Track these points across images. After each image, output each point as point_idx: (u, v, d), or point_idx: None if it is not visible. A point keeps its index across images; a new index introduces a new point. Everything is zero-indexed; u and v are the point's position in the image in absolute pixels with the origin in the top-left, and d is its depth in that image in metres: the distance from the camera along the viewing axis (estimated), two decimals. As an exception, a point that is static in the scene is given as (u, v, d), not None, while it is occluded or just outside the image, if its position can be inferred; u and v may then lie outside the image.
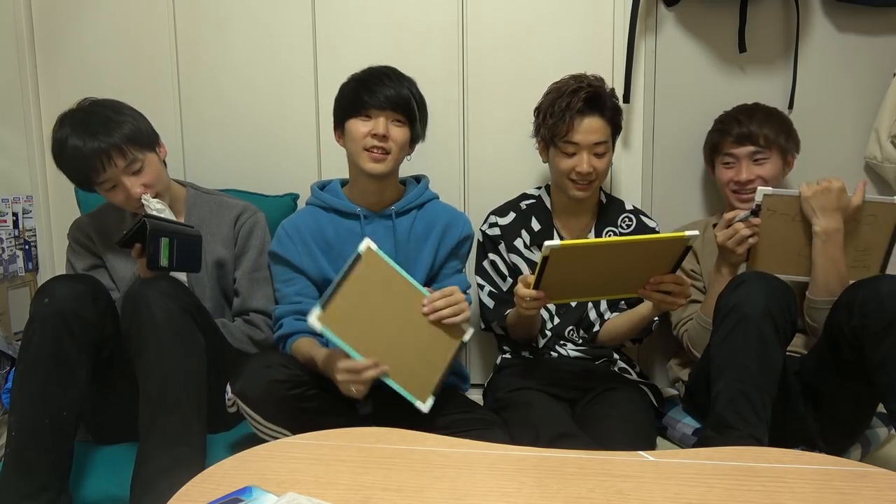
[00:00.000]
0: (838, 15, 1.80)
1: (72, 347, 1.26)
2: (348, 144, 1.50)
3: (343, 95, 1.52)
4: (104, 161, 1.41)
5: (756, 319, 1.27)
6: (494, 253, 1.67)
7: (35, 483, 1.21)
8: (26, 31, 1.91)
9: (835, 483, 0.96)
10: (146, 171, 1.47)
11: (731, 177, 1.65)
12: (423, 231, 1.57)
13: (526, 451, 1.07)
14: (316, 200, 1.58)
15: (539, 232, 1.65)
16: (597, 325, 1.63)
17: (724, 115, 1.72)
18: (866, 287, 1.28)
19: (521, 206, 1.69)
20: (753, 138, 1.62)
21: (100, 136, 1.41)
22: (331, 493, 0.92)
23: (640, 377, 1.63)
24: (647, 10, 1.80)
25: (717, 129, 1.70)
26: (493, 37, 1.84)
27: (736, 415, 1.24)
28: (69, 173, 1.46)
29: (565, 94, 1.52)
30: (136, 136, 1.46)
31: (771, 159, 1.63)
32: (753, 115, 1.65)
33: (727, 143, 1.66)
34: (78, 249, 1.59)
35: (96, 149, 1.40)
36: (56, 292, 1.28)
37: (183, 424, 1.24)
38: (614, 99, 1.57)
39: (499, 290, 1.65)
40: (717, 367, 1.30)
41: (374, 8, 1.84)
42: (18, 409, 1.25)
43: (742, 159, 1.64)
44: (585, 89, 1.51)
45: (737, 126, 1.64)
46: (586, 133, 1.52)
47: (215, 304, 1.58)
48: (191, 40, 1.89)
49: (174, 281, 1.37)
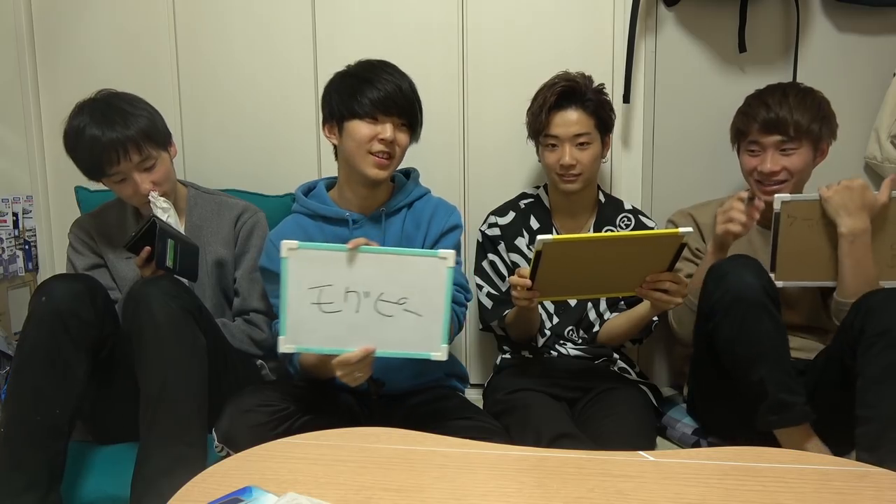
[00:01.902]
0: (838, 15, 1.80)
1: (68, 346, 1.26)
2: (347, 144, 1.43)
3: (341, 91, 1.44)
4: (120, 153, 1.42)
5: (765, 304, 1.29)
6: (494, 253, 1.67)
7: (23, 480, 1.21)
8: (26, 31, 1.91)
9: (835, 483, 0.96)
10: (157, 168, 1.48)
11: (754, 165, 1.54)
12: (413, 229, 1.52)
13: (526, 452, 1.07)
14: (301, 208, 1.52)
15: (538, 231, 1.65)
16: (597, 325, 1.63)
17: (754, 94, 1.60)
18: (881, 293, 1.29)
19: (521, 205, 1.69)
20: (782, 127, 1.49)
21: (118, 127, 1.42)
22: (331, 493, 0.92)
23: (639, 377, 1.64)
24: (647, 10, 1.80)
25: (744, 112, 1.58)
26: (493, 36, 1.84)
27: (790, 394, 1.28)
28: (81, 161, 1.46)
29: (543, 89, 1.58)
30: (153, 132, 1.47)
31: (800, 150, 1.50)
32: (785, 97, 1.51)
33: (753, 129, 1.53)
34: (79, 248, 1.59)
35: (114, 140, 1.41)
36: (54, 291, 1.28)
37: (183, 424, 1.24)
38: (600, 94, 1.58)
39: (498, 291, 1.65)
40: (749, 356, 1.30)
41: (373, 6, 1.84)
42: (10, 406, 1.25)
43: (768, 148, 1.52)
44: (561, 84, 1.55)
45: (764, 111, 1.51)
46: (564, 126, 1.55)
47: (215, 303, 1.58)
48: (191, 40, 1.89)
49: (175, 281, 1.37)
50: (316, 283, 1.19)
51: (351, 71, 1.47)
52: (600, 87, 1.59)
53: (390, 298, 1.21)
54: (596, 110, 1.56)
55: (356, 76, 1.45)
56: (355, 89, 1.42)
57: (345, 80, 1.46)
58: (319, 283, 1.19)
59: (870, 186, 1.41)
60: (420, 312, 1.21)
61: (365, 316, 1.20)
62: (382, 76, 1.43)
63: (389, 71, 1.45)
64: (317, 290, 1.19)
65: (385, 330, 1.21)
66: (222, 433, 1.27)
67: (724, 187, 1.85)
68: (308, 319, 1.19)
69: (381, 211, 1.50)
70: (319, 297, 1.19)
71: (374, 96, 1.40)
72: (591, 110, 1.55)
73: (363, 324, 1.20)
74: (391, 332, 1.21)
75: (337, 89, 1.46)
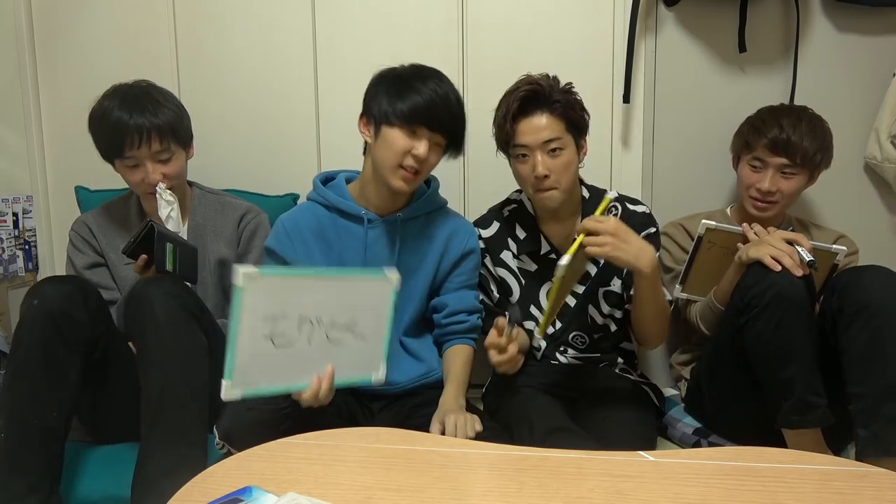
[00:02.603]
0: (838, 15, 1.80)
1: (62, 348, 1.26)
2: (380, 150, 1.39)
3: (389, 90, 1.39)
4: (142, 138, 1.45)
5: (805, 305, 1.29)
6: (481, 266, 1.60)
7: (25, 483, 1.21)
8: (26, 31, 1.91)
9: (835, 483, 0.96)
10: (172, 163, 1.51)
11: (753, 181, 1.58)
12: (427, 241, 1.50)
13: (526, 451, 1.07)
14: (318, 197, 1.51)
15: (525, 240, 1.58)
16: (612, 325, 1.58)
17: (767, 110, 1.62)
18: (851, 272, 1.34)
19: (504, 213, 1.62)
20: (790, 151, 1.53)
21: (147, 114, 1.46)
22: (331, 493, 0.92)
23: (640, 377, 1.63)
24: (647, 10, 1.80)
25: (755, 127, 1.60)
26: (492, 36, 1.84)
27: (816, 396, 1.28)
28: (101, 139, 1.49)
29: (506, 96, 1.47)
30: (177, 127, 1.51)
31: (799, 175, 1.56)
32: (798, 123, 1.55)
33: (760, 146, 1.57)
34: (80, 246, 1.59)
35: (140, 125, 1.45)
36: (46, 293, 1.27)
37: (184, 424, 1.24)
38: (568, 94, 1.46)
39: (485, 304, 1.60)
40: (782, 354, 1.29)
41: (373, 6, 1.84)
42: (7, 411, 1.24)
43: (770, 168, 1.56)
44: (523, 88, 1.43)
45: (777, 130, 1.54)
46: (532, 133, 1.43)
47: (217, 303, 1.58)
48: (191, 40, 1.89)
49: (177, 281, 1.37)
50: (271, 313, 1.11)
51: (401, 72, 1.42)
52: (568, 87, 1.47)
53: (339, 321, 1.19)
54: (565, 112, 1.44)
55: (404, 79, 1.39)
56: (401, 92, 1.37)
57: (395, 79, 1.41)
58: (275, 313, 1.11)
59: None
60: (365, 335, 1.22)
61: (316, 346, 1.17)
62: (430, 84, 1.38)
63: (438, 79, 1.41)
64: (271, 321, 1.11)
65: (333, 358, 1.20)
66: (223, 431, 1.27)
67: (723, 187, 1.85)
68: (259, 356, 1.11)
69: (398, 217, 1.48)
70: (273, 328, 1.11)
71: (425, 109, 1.36)
72: (559, 112, 1.43)
73: (315, 356, 1.18)
74: (339, 359, 1.20)
75: (385, 88, 1.40)
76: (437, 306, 1.53)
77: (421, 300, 1.52)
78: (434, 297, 1.54)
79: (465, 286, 1.54)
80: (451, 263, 1.52)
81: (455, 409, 1.32)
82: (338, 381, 1.21)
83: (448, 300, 1.52)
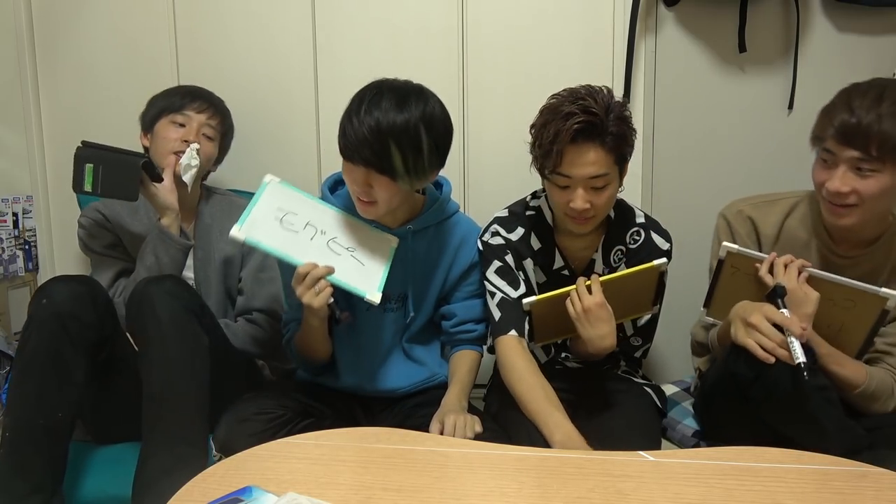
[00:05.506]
0: (838, 15, 1.80)
1: (69, 349, 1.26)
2: None
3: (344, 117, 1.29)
4: (204, 105, 1.61)
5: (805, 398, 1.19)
6: (500, 261, 1.47)
7: (29, 484, 1.22)
8: (26, 31, 1.90)
9: (835, 483, 0.96)
10: (208, 144, 1.61)
11: (823, 180, 1.26)
12: (437, 251, 1.47)
13: (526, 451, 1.07)
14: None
15: (539, 251, 1.49)
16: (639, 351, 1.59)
17: (845, 89, 1.27)
18: None
19: (526, 217, 1.50)
20: (861, 139, 1.18)
21: (212, 97, 1.67)
22: (331, 493, 0.92)
23: (643, 380, 1.63)
24: (647, 10, 1.80)
25: (827, 112, 1.27)
26: (492, 37, 1.83)
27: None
28: (162, 100, 1.62)
29: (557, 118, 1.29)
30: (227, 122, 1.68)
31: (881, 173, 1.20)
32: (878, 102, 1.19)
33: (828, 135, 1.23)
34: (95, 232, 1.58)
35: (204, 95, 1.64)
36: (54, 293, 1.28)
37: (185, 424, 1.25)
38: (622, 122, 1.30)
39: (510, 298, 1.45)
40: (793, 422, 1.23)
41: (374, 8, 1.84)
42: (13, 410, 1.25)
43: (841, 164, 1.23)
44: (579, 116, 1.26)
45: (846, 114, 1.20)
46: (579, 166, 1.29)
47: (219, 302, 1.59)
48: (191, 40, 1.89)
49: (179, 281, 1.38)
50: (284, 209, 1.34)
51: (363, 93, 1.30)
52: (622, 111, 1.30)
53: (341, 243, 1.36)
54: (617, 146, 1.29)
55: (352, 111, 1.28)
56: (345, 124, 1.28)
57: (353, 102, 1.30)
58: (287, 210, 1.34)
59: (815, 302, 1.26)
60: (363, 262, 1.35)
61: (316, 247, 1.33)
62: (374, 113, 1.23)
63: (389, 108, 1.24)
64: (283, 212, 1.34)
65: (331, 261, 1.30)
66: (220, 442, 1.26)
67: (723, 187, 1.85)
68: (267, 224, 1.31)
69: (409, 229, 1.42)
70: (283, 217, 1.33)
71: (349, 137, 1.25)
72: (610, 146, 1.29)
73: (314, 252, 1.31)
74: (337, 264, 1.30)
75: (346, 111, 1.30)
76: (446, 314, 1.52)
77: (429, 309, 1.52)
78: (442, 304, 1.53)
79: (473, 295, 1.52)
80: (459, 273, 1.50)
81: (456, 410, 1.32)
82: (333, 278, 1.29)
83: (456, 310, 1.51)
